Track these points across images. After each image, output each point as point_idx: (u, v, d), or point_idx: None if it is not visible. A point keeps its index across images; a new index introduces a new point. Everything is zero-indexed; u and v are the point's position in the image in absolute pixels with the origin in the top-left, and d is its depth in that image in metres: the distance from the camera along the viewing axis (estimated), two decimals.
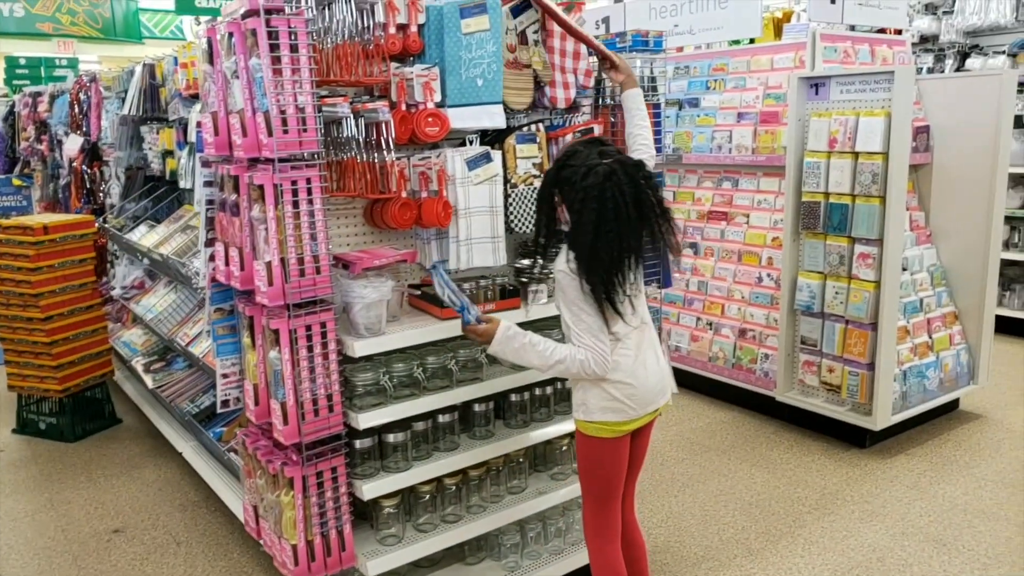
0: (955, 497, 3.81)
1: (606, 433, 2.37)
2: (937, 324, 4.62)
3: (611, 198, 2.18)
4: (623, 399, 2.33)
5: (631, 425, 2.39)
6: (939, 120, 4.64)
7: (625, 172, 2.21)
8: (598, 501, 2.47)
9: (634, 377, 2.34)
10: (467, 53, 2.60)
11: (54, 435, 4.75)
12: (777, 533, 3.53)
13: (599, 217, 2.19)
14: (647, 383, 2.37)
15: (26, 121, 7.79)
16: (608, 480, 2.45)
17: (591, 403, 2.36)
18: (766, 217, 4.92)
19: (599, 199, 2.18)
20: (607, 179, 2.19)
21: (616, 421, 2.35)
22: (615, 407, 2.34)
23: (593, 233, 2.20)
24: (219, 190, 2.63)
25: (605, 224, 2.18)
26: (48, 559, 3.46)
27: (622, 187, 2.19)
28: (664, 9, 5.76)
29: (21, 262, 4.44)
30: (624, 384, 2.33)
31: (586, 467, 2.46)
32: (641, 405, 2.36)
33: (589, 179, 2.20)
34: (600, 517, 2.48)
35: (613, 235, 2.19)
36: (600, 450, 2.40)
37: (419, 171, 2.64)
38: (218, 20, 2.50)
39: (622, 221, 2.19)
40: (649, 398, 2.38)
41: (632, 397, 2.34)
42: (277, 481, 2.58)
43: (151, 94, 4.31)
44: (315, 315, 2.39)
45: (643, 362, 2.37)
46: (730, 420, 4.83)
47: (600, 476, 2.45)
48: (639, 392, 2.35)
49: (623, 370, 2.32)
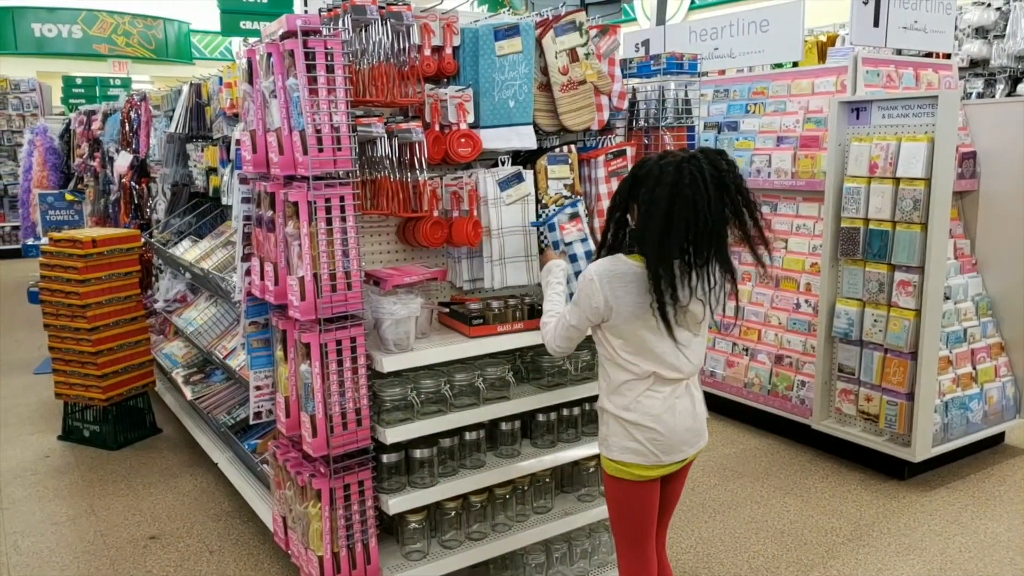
0: (998, 533, 3.70)
1: (629, 476, 2.23)
2: (982, 355, 4.51)
3: (688, 174, 2.00)
4: (645, 443, 2.19)
5: (655, 471, 2.23)
6: (986, 146, 4.55)
7: (707, 157, 2.06)
8: (627, 543, 2.34)
9: (659, 422, 2.18)
10: (500, 75, 2.64)
11: (97, 442, 4.86)
12: (809, 564, 3.46)
13: (673, 194, 2.00)
14: (674, 430, 2.20)
15: (80, 138, 8.05)
16: (636, 524, 2.31)
17: (612, 440, 2.24)
18: (805, 242, 4.86)
19: (676, 174, 2.01)
20: (687, 160, 2.04)
21: (638, 464, 2.21)
22: (636, 449, 2.20)
23: (665, 216, 2.01)
24: (256, 206, 2.69)
25: (681, 202, 1.99)
26: (87, 563, 3.54)
27: (702, 167, 2.02)
28: (704, 32, 5.76)
29: (70, 274, 4.58)
30: (647, 428, 2.18)
31: (613, 508, 2.35)
32: (665, 452, 2.20)
33: (667, 159, 2.07)
34: (631, 559, 2.35)
35: (689, 216, 1.99)
36: (625, 493, 2.27)
37: (451, 191, 2.68)
38: (258, 41, 2.57)
39: (700, 202, 1.99)
40: (675, 446, 2.21)
41: (654, 442, 2.18)
42: (305, 493, 2.62)
43: (197, 113, 4.44)
44: (345, 330, 2.42)
45: (672, 408, 2.20)
46: (764, 447, 4.76)
47: (627, 519, 2.32)
48: (664, 439, 2.19)
49: (649, 413, 2.18)
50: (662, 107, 3.07)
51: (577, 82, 2.78)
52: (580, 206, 2.76)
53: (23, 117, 12.76)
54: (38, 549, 3.66)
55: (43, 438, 5.02)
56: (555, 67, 2.75)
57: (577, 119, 2.80)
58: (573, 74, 2.77)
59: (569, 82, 2.77)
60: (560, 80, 2.75)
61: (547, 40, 2.73)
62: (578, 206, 2.75)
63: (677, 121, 3.09)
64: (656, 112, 3.07)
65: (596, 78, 2.81)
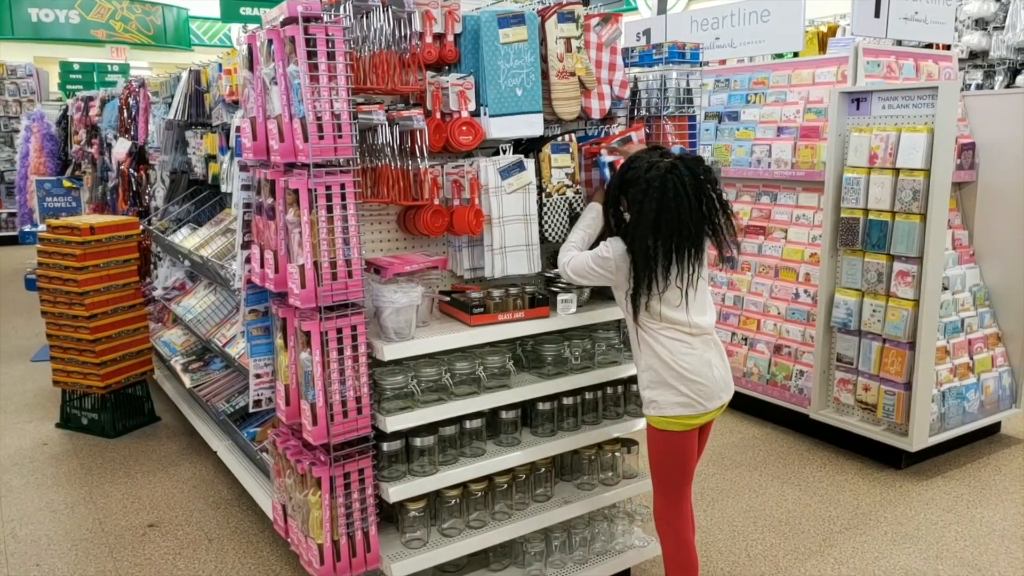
0: (993, 522, 3.72)
1: (679, 427, 2.55)
2: (979, 345, 4.52)
3: (672, 187, 2.35)
4: (693, 395, 2.51)
5: (701, 419, 2.57)
6: (985, 137, 4.55)
7: (686, 166, 2.40)
8: (673, 492, 2.65)
9: (702, 376, 2.51)
10: (505, 63, 2.62)
11: (95, 430, 4.87)
12: (806, 552, 3.48)
13: (660, 206, 2.36)
14: (714, 380, 2.54)
15: (78, 125, 8.02)
16: (682, 471, 2.63)
17: (662, 400, 2.54)
18: (804, 233, 4.86)
19: (661, 189, 2.36)
20: (669, 171, 2.38)
21: (688, 415, 2.53)
22: (686, 402, 2.51)
23: (653, 224, 2.36)
24: (256, 194, 2.68)
25: (666, 213, 2.36)
26: (85, 551, 3.55)
27: (683, 178, 2.37)
28: (706, 22, 5.75)
29: (68, 261, 4.57)
30: (694, 382, 2.50)
31: (661, 461, 2.63)
32: (709, 399, 2.54)
33: (651, 172, 2.39)
34: (675, 508, 2.66)
35: (673, 223, 2.36)
36: (674, 443, 2.58)
37: (452, 179, 2.67)
38: (259, 27, 2.56)
39: (683, 210, 2.36)
40: (716, 393, 2.56)
41: (700, 393, 2.51)
42: (305, 481, 2.62)
43: (196, 100, 4.42)
44: (346, 318, 2.42)
45: (708, 362, 2.53)
46: (763, 436, 4.78)
47: (674, 467, 2.62)
48: (707, 388, 2.52)
49: (692, 370, 2.50)
50: (664, 96, 3.06)
51: (569, 72, 2.78)
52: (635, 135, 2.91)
53: (20, 103, 12.70)
54: (36, 537, 3.67)
55: (41, 426, 5.02)
56: (554, 53, 2.74)
57: (568, 108, 2.80)
58: (567, 63, 2.77)
59: (563, 70, 2.77)
60: (557, 66, 2.75)
61: (550, 24, 2.72)
62: (633, 137, 2.90)
63: (679, 110, 3.09)
64: (658, 101, 3.07)
65: (583, 73, 2.81)
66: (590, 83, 2.83)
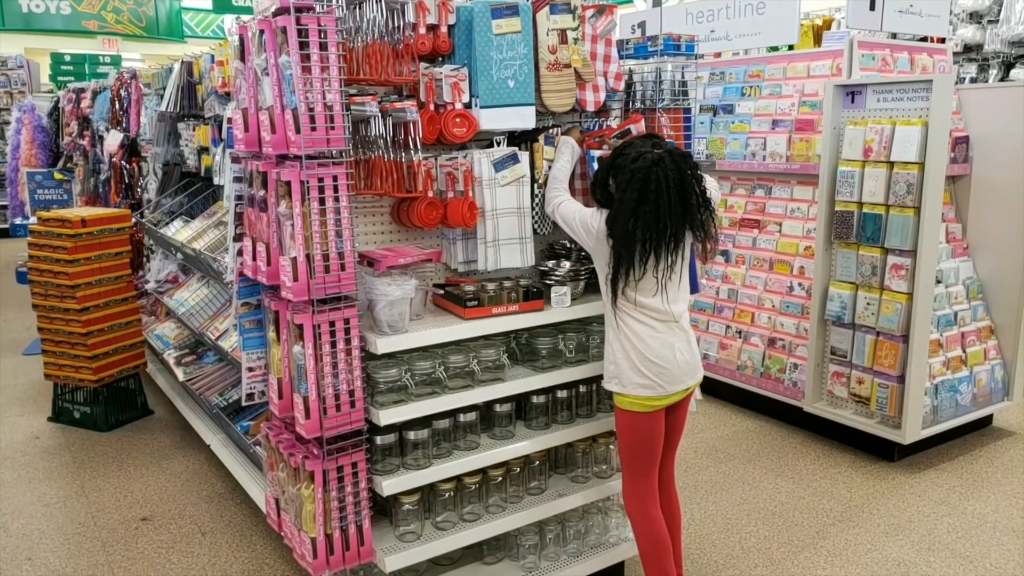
0: (985, 514, 3.73)
1: (640, 408, 2.61)
2: (972, 338, 4.53)
3: (654, 180, 2.39)
4: (653, 377, 2.57)
5: (663, 401, 2.62)
6: (979, 131, 4.55)
7: (673, 160, 2.44)
8: (638, 472, 2.69)
9: (663, 359, 2.57)
10: (498, 54, 2.61)
11: (88, 424, 4.84)
12: (800, 544, 3.49)
13: (640, 197, 2.40)
14: (676, 364, 2.59)
15: (69, 117, 7.96)
16: (646, 451, 2.67)
17: (624, 378, 2.60)
18: (799, 226, 4.86)
19: (643, 180, 2.40)
20: (655, 164, 2.41)
21: (649, 396, 2.59)
22: (647, 384, 2.57)
23: (631, 213, 2.41)
24: (248, 186, 2.67)
25: (645, 204, 2.40)
26: (78, 544, 3.54)
27: (667, 172, 2.41)
28: (701, 14, 5.74)
29: (59, 254, 4.54)
30: (656, 364, 2.56)
31: (625, 439, 2.69)
32: (670, 382, 2.59)
33: (638, 163, 2.42)
34: (640, 485, 2.71)
35: (651, 216, 2.40)
36: (637, 423, 2.64)
37: (446, 171, 2.66)
38: (251, 18, 2.54)
39: (662, 204, 2.40)
40: (679, 377, 2.61)
41: (661, 376, 2.57)
42: (298, 474, 2.61)
43: (188, 91, 4.38)
44: (339, 311, 2.41)
45: (671, 345, 2.58)
46: (756, 429, 4.78)
47: (638, 447, 2.67)
48: (668, 371, 2.58)
49: (654, 353, 2.56)
50: (659, 89, 3.05)
51: (563, 64, 2.76)
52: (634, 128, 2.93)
53: (11, 94, 12.60)
54: (28, 531, 3.65)
55: (33, 419, 5.00)
56: (544, 44, 2.72)
57: (558, 100, 2.78)
58: (560, 55, 2.75)
59: (555, 62, 2.75)
60: (548, 59, 2.73)
61: (541, 16, 2.70)
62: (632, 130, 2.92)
63: (674, 103, 3.08)
64: (653, 94, 3.06)
65: (581, 64, 2.79)
66: (587, 75, 2.81)
